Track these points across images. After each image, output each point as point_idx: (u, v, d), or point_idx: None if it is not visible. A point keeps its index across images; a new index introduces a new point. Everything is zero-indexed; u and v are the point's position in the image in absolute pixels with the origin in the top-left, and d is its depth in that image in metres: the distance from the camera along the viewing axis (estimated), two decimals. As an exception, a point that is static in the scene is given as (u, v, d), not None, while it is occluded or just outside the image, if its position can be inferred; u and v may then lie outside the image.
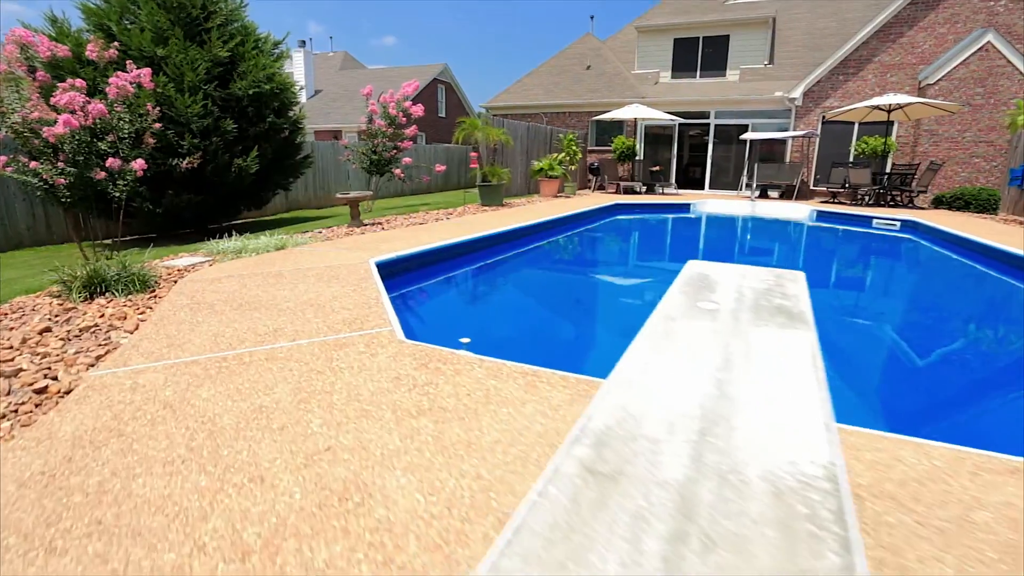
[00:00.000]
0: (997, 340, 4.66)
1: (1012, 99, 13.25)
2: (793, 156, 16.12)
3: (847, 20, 18.88)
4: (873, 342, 4.52)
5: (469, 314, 4.57)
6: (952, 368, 3.93)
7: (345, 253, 5.05)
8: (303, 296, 3.44)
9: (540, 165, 13.03)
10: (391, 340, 2.60)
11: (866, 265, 8.32)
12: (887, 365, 4.40)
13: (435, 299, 4.97)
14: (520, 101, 18.97)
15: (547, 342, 3.78)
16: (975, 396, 3.43)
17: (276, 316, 3.02)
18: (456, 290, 5.43)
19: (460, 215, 8.91)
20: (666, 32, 19.08)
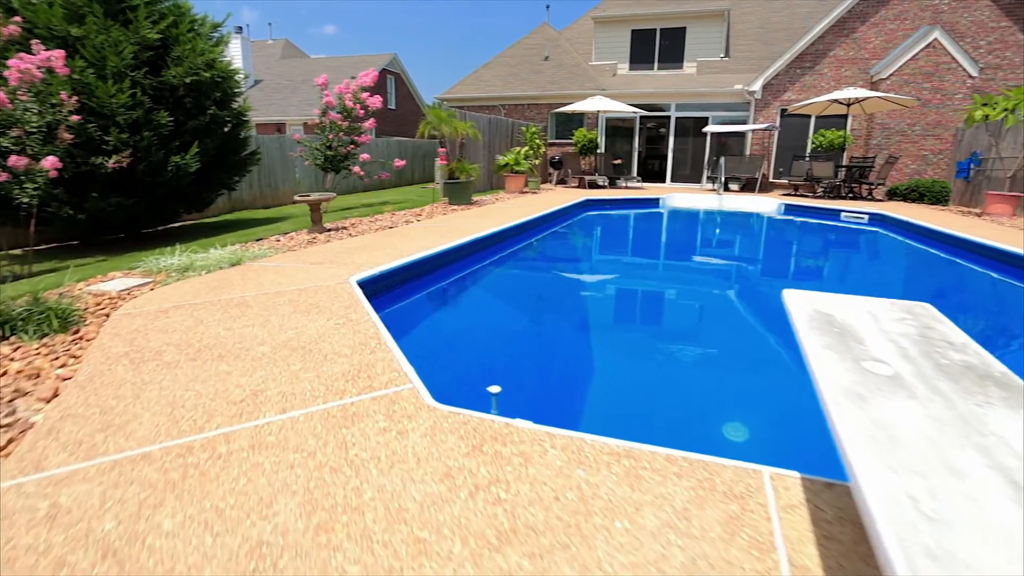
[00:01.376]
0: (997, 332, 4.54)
1: (956, 94, 13.73)
2: (753, 149, 16.23)
3: (797, 15, 19.22)
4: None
5: (484, 344, 3.89)
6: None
7: (316, 269, 4.30)
8: (280, 335, 2.73)
9: (505, 160, 12.43)
10: (417, 405, 1.96)
11: (847, 259, 8.24)
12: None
13: (438, 327, 4.27)
14: (477, 93, 18.27)
15: (590, 380, 3.21)
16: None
17: (250, 369, 2.31)
18: (457, 312, 4.76)
19: (430, 216, 8.21)
20: (623, 23, 18.82)
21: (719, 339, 4.27)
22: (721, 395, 3.08)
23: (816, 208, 11.28)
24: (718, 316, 5.06)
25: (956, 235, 7.64)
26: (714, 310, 5.26)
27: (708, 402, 2.96)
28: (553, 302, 5.19)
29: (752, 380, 3.35)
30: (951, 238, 7.78)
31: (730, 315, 5.10)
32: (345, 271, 4.15)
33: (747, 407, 2.92)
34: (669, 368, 3.50)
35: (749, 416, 2.77)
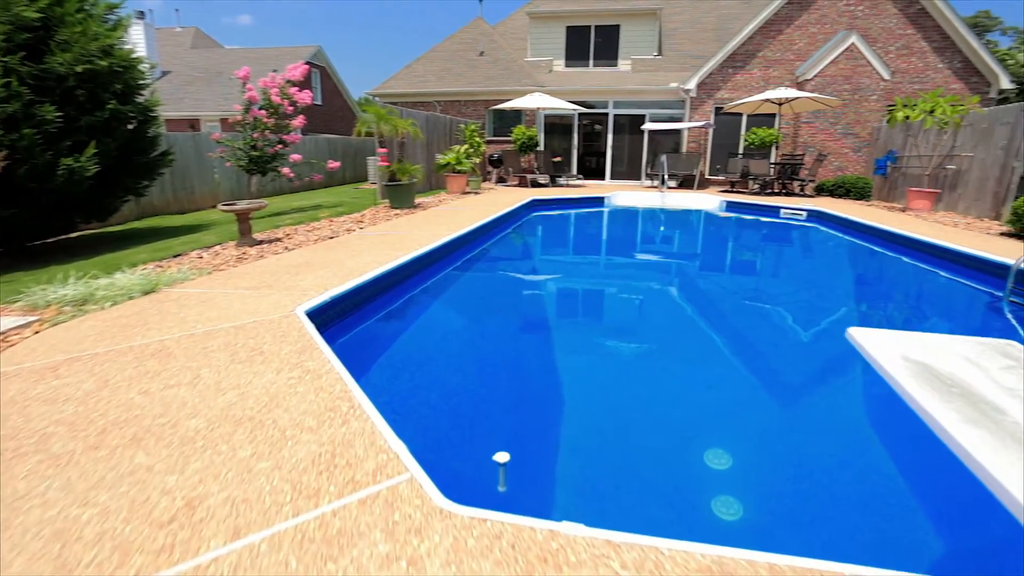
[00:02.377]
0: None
1: (872, 96, 14.55)
2: (689, 147, 16.52)
3: (725, 16, 19.80)
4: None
5: (471, 383, 3.26)
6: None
7: (253, 296, 3.62)
8: (217, 399, 2.12)
9: (446, 159, 11.84)
10: (425, 510, 1.45)
11: (796, 256, 8.34)
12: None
13: (413, 366, 3.52)
14: (410, 88, 17.48)
15: (610, 424, 2.75)
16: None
17: (181, 459, 1.71)
18: (430, 341, 4.02)
19: (373, 222, 7.53)
20: (558, 19, 18.65)
21: (723, 352, 4.02)
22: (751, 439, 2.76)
23: (756, 205, 11.51)
24: (712, 323, 4.83)
25: (891, 231, 7.92)
26: (705, 317, 5.04)
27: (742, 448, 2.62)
28: (531, 319, 4.76)
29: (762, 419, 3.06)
30: (886, 233, 8.06)
31: (722, 324, 4.88)
32: (289, 298, 3.50)
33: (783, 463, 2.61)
34: (698, 409, 3.16)
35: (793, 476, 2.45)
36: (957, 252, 6.21)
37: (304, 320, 3.05)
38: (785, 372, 3.79)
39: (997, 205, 9.65)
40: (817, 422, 2.81)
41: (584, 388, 3.20)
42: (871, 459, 2.41)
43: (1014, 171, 9.42)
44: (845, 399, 3.08)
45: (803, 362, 4.09)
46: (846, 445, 2.52)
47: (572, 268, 6.96)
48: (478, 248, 7.09)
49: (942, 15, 14.31)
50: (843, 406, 2.97)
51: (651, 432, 2.65)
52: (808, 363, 4.06)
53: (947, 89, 14.75)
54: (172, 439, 1.81)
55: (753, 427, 2.77)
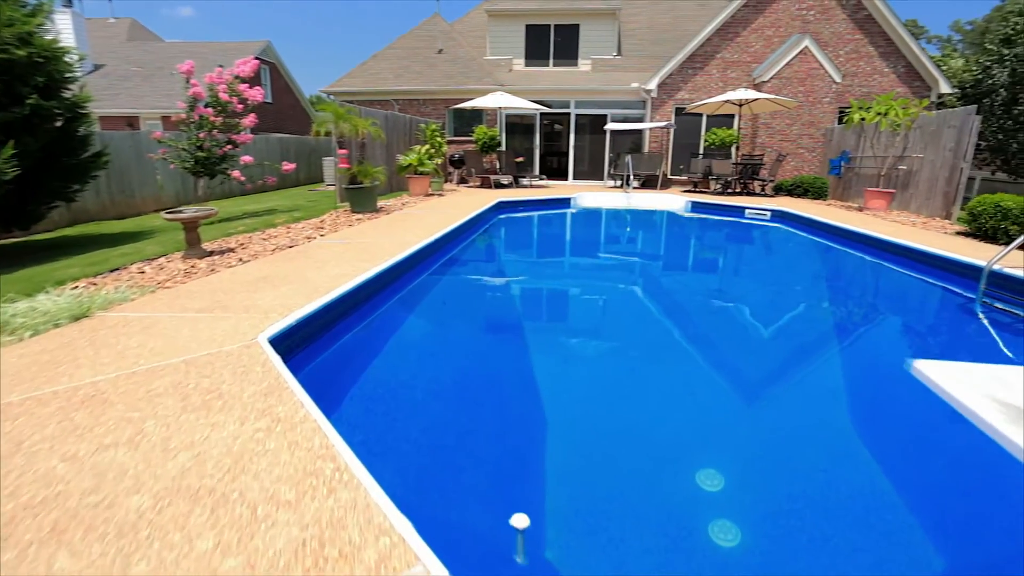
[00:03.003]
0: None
1: (825, 98, 14.96)
2: (651, 147, 16.59)
3: (682, 17, 20.03)
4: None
5: (472, 428, 2.74)
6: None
7: (205, 320, 3.17)
8: (167, 464, 1.71)
9: (408, 160, 11.39)
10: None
11: (768, 257, 8.33)
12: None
13: (398, 405, 2.98)
14: (367, 86, 16.86)
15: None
16: None
17: (119, 561, 1.31)
18: (414, 372, 3.48)
19: (335, 228, 7.05)
20: (517, 17, 18.41)
21: (726, 357, 3.83)
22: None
23: (721, 205, 11.58)
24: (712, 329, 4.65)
25: (857, 231, 8.04)
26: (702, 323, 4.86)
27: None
28: (519, 331, 4.45)
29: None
30: (852, 233, 8.18)
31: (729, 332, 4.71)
32: (248, 322, 3.07)
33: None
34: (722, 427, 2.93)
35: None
36: (927, 253, 6.29)
37: (268, 350, 2.64)
38: (785, 379, 3.64)
39: (947, 205, 10.00)
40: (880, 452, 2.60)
41: (607, 424, 2.89)
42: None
43: (962, 172, 9.77)
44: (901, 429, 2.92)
45: (796, 365, 3.97)
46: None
47: (551, 274, 6.71)
48: (450, 254, 6.73)
49: (887, 21, 14.85)
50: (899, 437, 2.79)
51: (680, 471, 2.39)
52: (804, 367, 3.94)
53: (891, 92, 15.34)
54: (107, 528, 1.41)
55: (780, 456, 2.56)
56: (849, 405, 3.27)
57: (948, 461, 2.56)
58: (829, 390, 3.57)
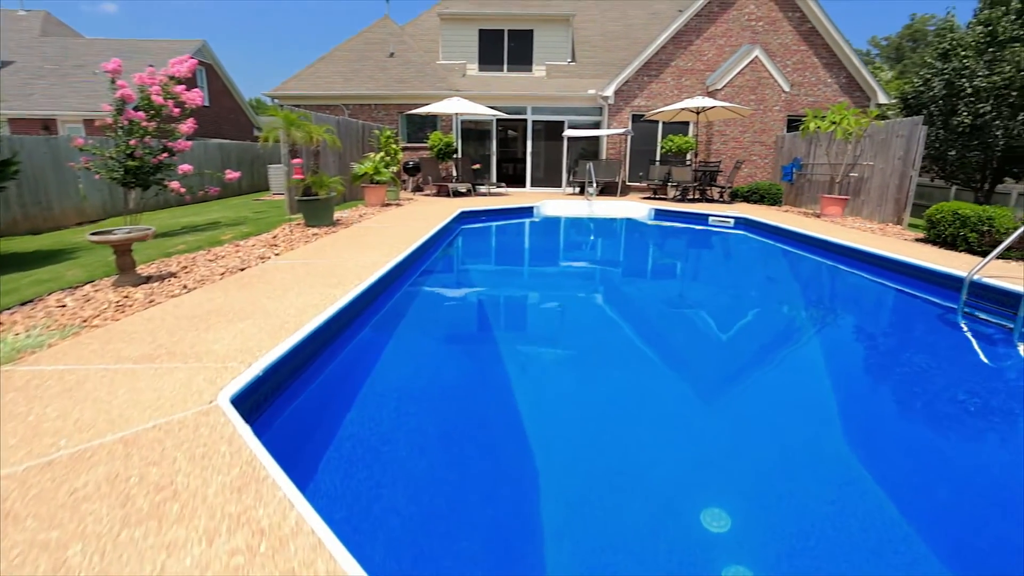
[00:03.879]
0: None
1: (775, 106, 15.36)
2: (609, 153, 16.56)
3: (632, 25, 20.22)
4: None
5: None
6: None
7: (146, 374, 2.58)
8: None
9: (364, 169, 10.75)
10: None
11: (741, 266, 8.22)
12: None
13: (416, 483, 2.31)
14: (315, 90, 16.02)
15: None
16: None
17: None
18: (421, 426, 2.86)
19: (290, 245, 6.40)
20: (470, 21, 18.05)
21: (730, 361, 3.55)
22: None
23: (684, 213, 11.57)
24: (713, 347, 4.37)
25: (822, 238, 8.10)
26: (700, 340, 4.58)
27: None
28: (506, 350, 4.01)
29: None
30: (816, 240, 8.25)
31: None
32: (203, 374, 2.52)
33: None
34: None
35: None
36: (903, 263, 6.32)
37: (233, 417, 2.11)
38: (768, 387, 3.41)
39: (899, 211, 10.33)
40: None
41: (611, 466, 2.53)
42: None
43: (912, 180, 10.12)
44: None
45: (783, 377, 3.78)
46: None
47: (532, 292, 6.32)
48: (421, 270, 6.24)
49: (829, 35, 15.42)
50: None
51: (672, 500, 2.06)
52: (791, 379, 3.75)
53: (834, 102, 15.94)
54: None
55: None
56: (838, 420, 3.23)
57: (928, 475, 2.63)
58: (817, 403, 3.50)
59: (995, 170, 12.01)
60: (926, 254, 6.92)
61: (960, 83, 11.37)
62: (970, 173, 12.32)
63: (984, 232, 7.06)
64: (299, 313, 3.50)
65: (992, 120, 11.02)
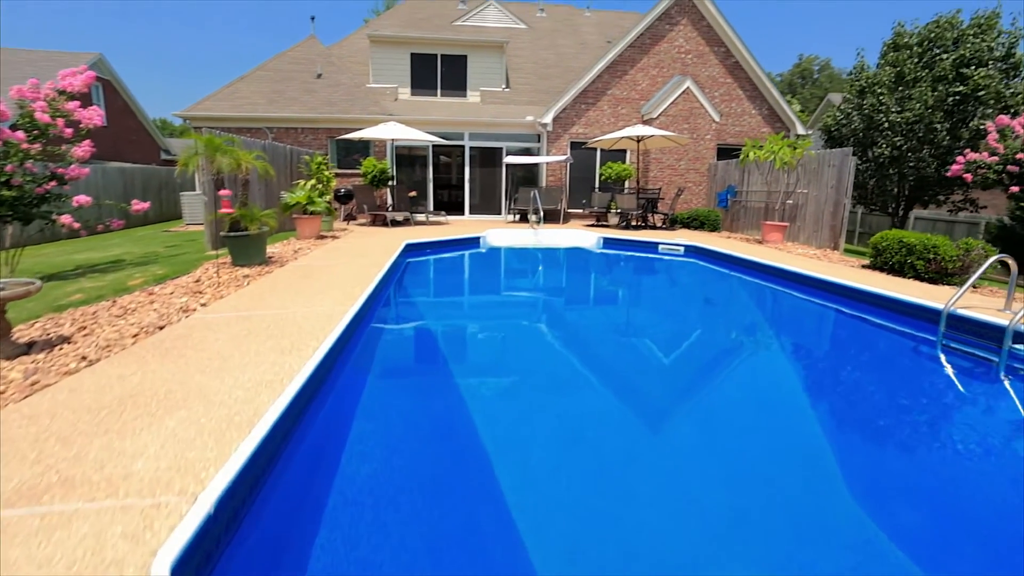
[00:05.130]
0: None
1: (707, 135, 15.88)
2: (549, 180, 16.41)
3: (564, 54, 20.48)
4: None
5: None
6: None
7: (19, 527, 1.73)
8: None
9: (296, 198, 9.77)
10: None
11: (701, 296, 8.03)
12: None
13: None
14: (234, 112, 14.73)
15: None
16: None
17: None
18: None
19: (217, 291, 5.42)
20: (402, 45, 17.52)
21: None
22: None
23: (632, 241, 11.46)
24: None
25: (779, 267, 8.13)
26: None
27: None
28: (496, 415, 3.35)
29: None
30: (767, 267, 8.29)
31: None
32: (120, 522, 1.69)
33: None
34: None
35: None
36: (871, 294, 6.32)
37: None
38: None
39: (835, 237, 10.75)
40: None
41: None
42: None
43: (845, 208, 10.58)
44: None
45: (767, 414, 3.46)
46: None
47: (505, 331, 5.71)
48: (377, 318, 5.46)
49: (752, 69, 16.27)
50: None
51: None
52: (776, 417, 3.43)
53: (759, 132, 16.79)
54: None
55: None
56: (824, 465, 3.06)
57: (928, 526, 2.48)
58: (802, 446, 3.32)
59: (907, 197, 12.92)
60: (877, 281, 7.03)
61: (878, 118, 12.19)
62: (887, 200, 13.19)
63: (930, 260, 7.30)
64: (250, 396, 2.70)
65: (906, 152, 11.85)
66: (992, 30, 11.38)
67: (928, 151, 11.73)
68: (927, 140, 11.64)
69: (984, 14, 11.55)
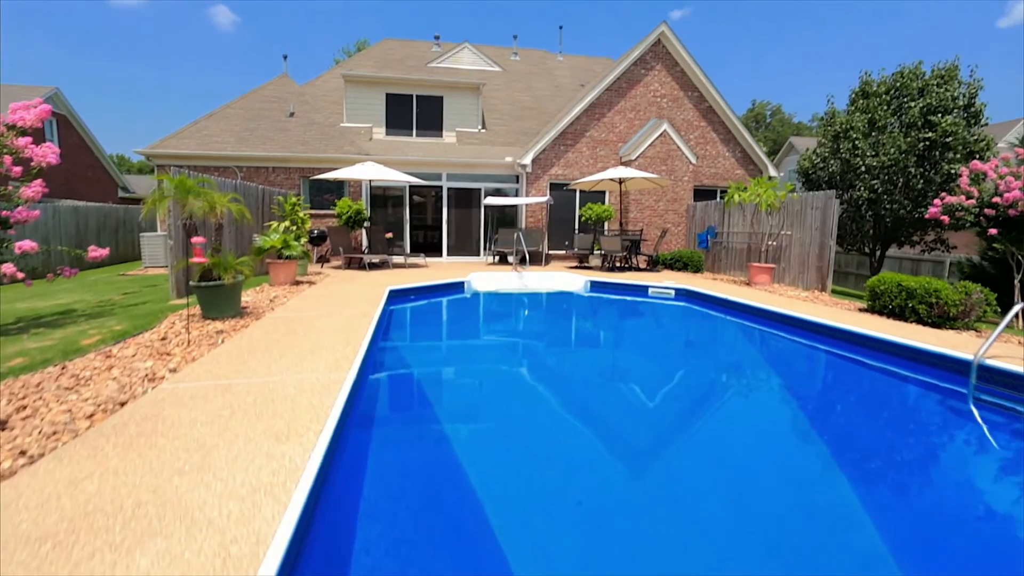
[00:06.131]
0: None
1: (684, 177, 16.04)
2: (528, 222, 16.19)
3: (540, 97, 20.67)
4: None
5: None
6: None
7: None
8: None
9: (271, 242, 9.14)
10: None
11: (702, 344, 7.65)
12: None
13: None
14: (201, 150, 14.07)
15: None
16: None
17: None
18: None
19: (187, 352, 4.74)
20: (378, 85, 17.32)
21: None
22: None
23: (619, 284, 11.19)
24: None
25: (774, 311, 7.94)
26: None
27: None
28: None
29: None
30: (768, 312, 8.08)
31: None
32: None
33: None
34: None
35: None
36: (888, 342, 6.10)
37: None
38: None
39: (822, 279, 10.73)
40: None
41: None
42: None
43: (831, 249, 10.61)
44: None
45: (802, 471, 3.05)
46: None
47: (519, 392, 5.18)
48: (379, 384, 4.87)
49: (724, 113, 16.67)
50: None
51: None
52: (811, 475, 3.02)
53: (733, 174, 17.10)
54: None
55: None
56: (859, 537, 2.74)
57: None
58: (835, 515, 3.02)
59: (884, 238, 13.18)
60: (882, 326, 6.87)
61: (855, 161, 12.49)
62: (864, 240, 13.43)
63: (932, 304, 7.21)
64: (247, 511, 2.11)
65: (882, 195, 12.13)
66: (953, 80, 11.91)
67: (904, 194, 12.01)
68: (903, 183, 11.93)
69: (945, 66, 12.12)
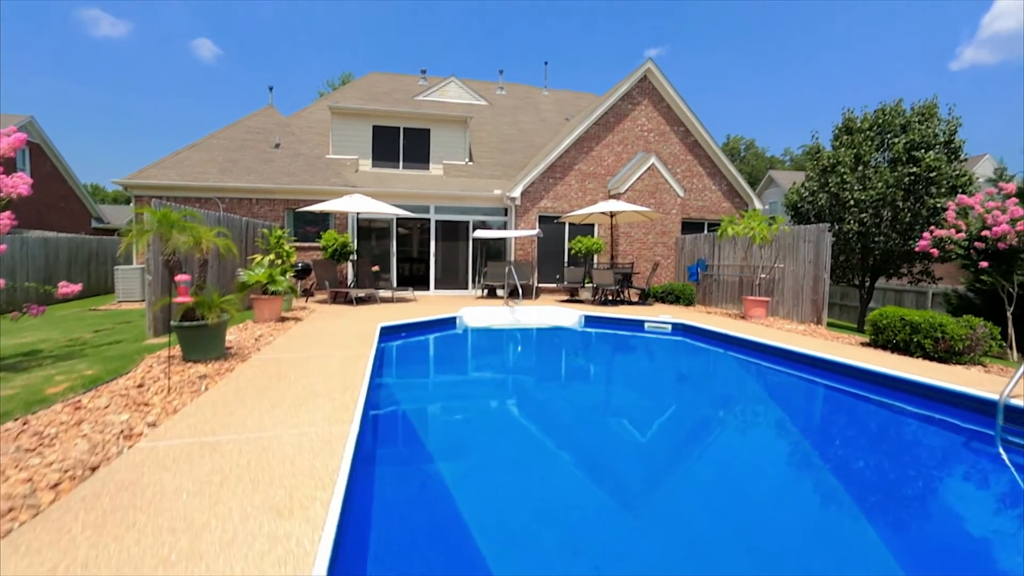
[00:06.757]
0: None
1: (672, 210, 16.11)
2: (518, 254, 16.02)
3: (526, 130, 20.81)
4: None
5: None
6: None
7: None
8: None
9: (256, 277, 8.74)
10: None
11: (708, 384, 7.39)
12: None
13: None
14: (182, 180, 13.68)
15: None
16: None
17: None
18: None
19: (167, 401, 4.31)
20: (365, 117, 17.24)
21: None
22: None
23: (614, 319, 10.98)
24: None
25: (776, 346, 7.78)
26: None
27: None
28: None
29: None
30: (769, 348, 7.92)
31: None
32: None
33: None
34: None
35: None
36: (905, 380, 5.93)
37: None
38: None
39: (817, 311, 10.68)
40: None
41: None
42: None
43: (825, 282, 10.59)
44: None
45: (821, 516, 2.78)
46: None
47: (529, 437, 4.84)
48: (385, 436, 4.49)
49: (709, 147, 16.92)
50: None
51: None
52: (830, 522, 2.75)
53: (720, 207, 17.26)
54: None
55: None
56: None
57: None
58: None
59: (873, 270, 13.30)
60: (888, 361, 6.74)
61: (844, 195, 12.66)
62: (853, 272, 13.53)
63: (938, 339, 7.12)
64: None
65: (871, 228, 12.27)
66: (933, 118, 12.24)
67: (891, 227, 12.16)
68: (891, 216, 12.09)
69: (925, 104, 12.48)
